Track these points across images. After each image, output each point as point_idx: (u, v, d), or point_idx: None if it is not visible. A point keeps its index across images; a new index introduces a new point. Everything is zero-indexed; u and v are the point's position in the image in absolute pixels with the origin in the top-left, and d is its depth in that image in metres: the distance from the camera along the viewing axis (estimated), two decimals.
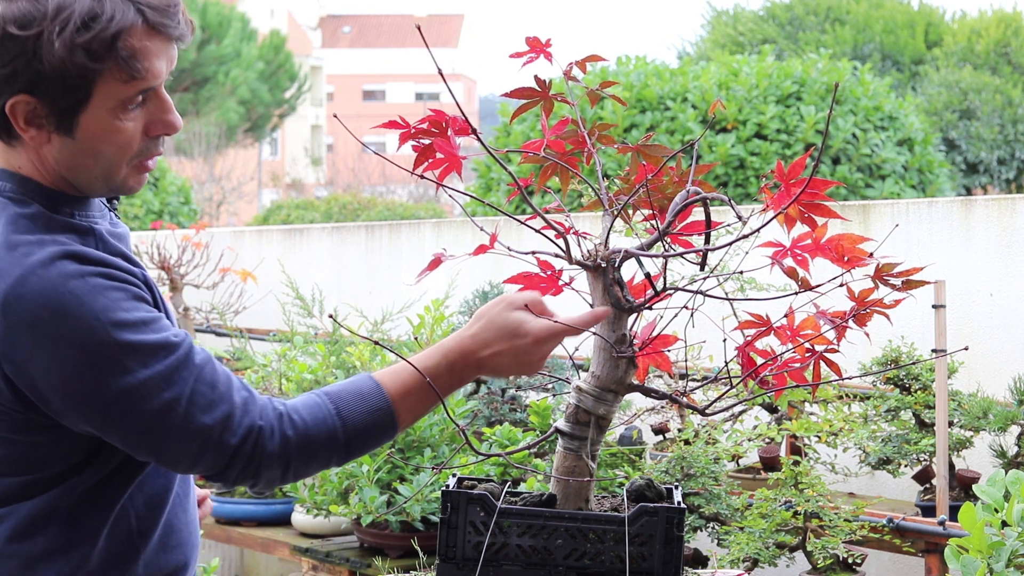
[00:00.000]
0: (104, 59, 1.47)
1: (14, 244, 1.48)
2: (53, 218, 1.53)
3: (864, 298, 1.66)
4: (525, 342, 1.60)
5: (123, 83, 1.49)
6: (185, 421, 1.49)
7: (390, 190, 23.11)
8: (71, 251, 1.48)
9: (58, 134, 1.51)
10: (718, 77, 8.16)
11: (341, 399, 1.57)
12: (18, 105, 1.48)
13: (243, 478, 1.54)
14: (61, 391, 1.47)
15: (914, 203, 4.56)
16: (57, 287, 1.45)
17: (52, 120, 1.50)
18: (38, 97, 1.48)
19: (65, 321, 1.44)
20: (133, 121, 1.52)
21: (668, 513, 1.64)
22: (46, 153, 1.53)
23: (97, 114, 1.50)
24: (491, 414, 4.24)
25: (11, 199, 1.53)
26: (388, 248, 6.67)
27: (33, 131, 1.51)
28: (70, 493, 1.55)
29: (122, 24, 1.48)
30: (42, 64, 1.45)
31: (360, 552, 4.03)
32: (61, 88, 1.47)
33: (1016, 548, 2.12)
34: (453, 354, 1.61)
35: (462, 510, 1.67)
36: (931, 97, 16.55)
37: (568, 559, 1.65)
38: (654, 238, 1.68)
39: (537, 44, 1.82)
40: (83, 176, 1.55)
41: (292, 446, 1.53)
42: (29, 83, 1.47)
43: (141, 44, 1.49)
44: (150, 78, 1.51)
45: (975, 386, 3.98)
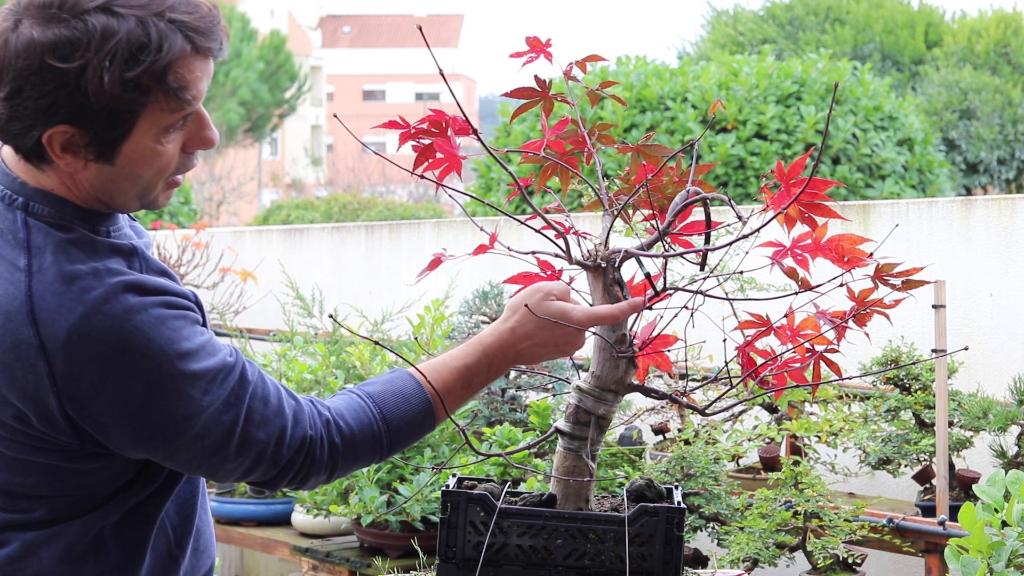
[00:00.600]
0: (153, 91, 1.41)
1: (70, 277, 1.43)
2: (97, 240, 1.48)
3: (864, 298, 1.66)
4: (567, 331, 1.62)
5: (170, 112, 1.44)
6: (243, 440, 1.48)
7: (390, 190, 23.11)
8: (129, 282, 1.44)
9: (97, 162, 1.45)
10: (718, 77, 8.16)
11: (385, 402, 1.58)
12: (56, 135, 1.42)
13: (290, 484, 1.55)
14: (126, 425, 1.44)
15: (914, 203, 4.56)
16: (122, 323, 1.41)
17: (92, 149, 1.44)
18: (78, 128, 1.42)
19: (132, 357, 1.41)
20: (173, 143, 1.48)
21: (668, 513, 1.64)
22: (80, 177, 1.47)
23: (140, 141, 1.45)
24: (491, 414, 4.24)
25: (51, 224, 1.47)
26: (388, 248, 6.67)
27: (69, 158, 1.45)
28: (116, 511, 1.53)
29: (172, 55, 1.41)
30: (87, 98, 1.39)
31: (360, 552, 4.03)
32: (106, 121, 1.41)
33: (1016, 548, 2.12)
34: (492, 349, 1.62)
35: (462, 510, 1.67)
36: (931, 97, 16.55)
37: (568, 559, 1.65)
38: (654, 238, 1.68)
39: (537, 44, 1.82)
40: (119, 197, 1.50)
41: (339, 453, 1.55)
42: (70, 115, 1.41)
43: (191, 73, 1.44)
44: (196, 103, 1.47)
45: (975, 386, 3.98)
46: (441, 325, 4.13)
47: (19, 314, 1.42)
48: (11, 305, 1.43)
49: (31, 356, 1.41)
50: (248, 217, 22.88)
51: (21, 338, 1.41)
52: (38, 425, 1.44)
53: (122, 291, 1.43)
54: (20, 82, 1.39)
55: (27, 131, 1.42)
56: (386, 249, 6.68)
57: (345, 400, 1.59)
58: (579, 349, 1.67)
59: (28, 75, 1.39)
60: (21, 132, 1.43)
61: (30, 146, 1.44)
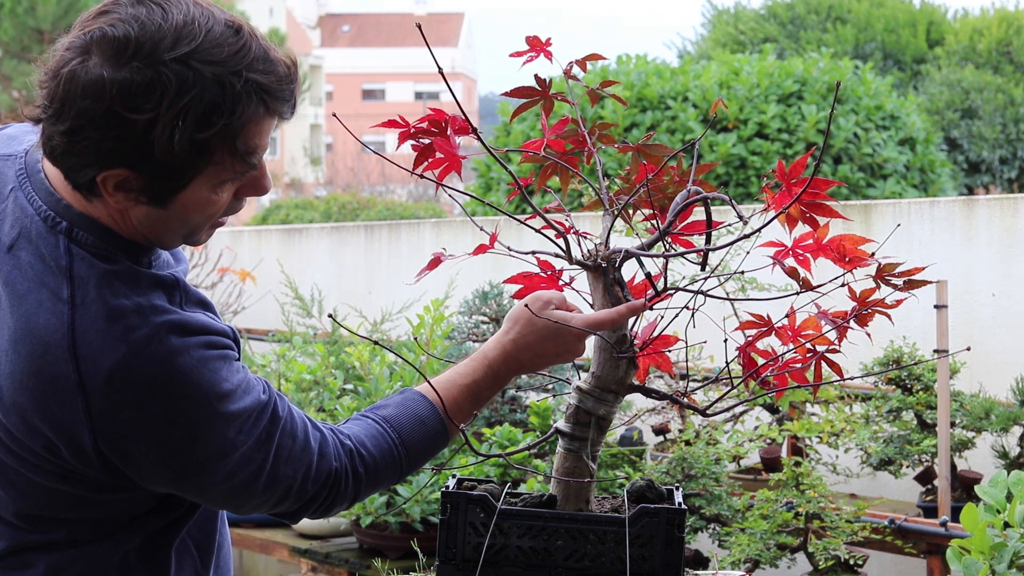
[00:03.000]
0: (220, 152, 1.37)
1: (114, 314, 1.39)
2: (140, 273, 1.44)
3: (865, 298, 1.65)
4: (568, 339, 1.64)
5: (232, 172, 1.41)
6: (271, 477, 1.47)
7: (389, 190, 23.10)
8: (174, 323, 1.41)
9: (148, 205, 1.41)
10: (719, 76, 8.15)
11: (403, 427, 1.59)
12: (111, 177, 1.38)
13: (313, 515, 1.55)
14: (159, 465, 1.42)
15: (916, 203, 4.55)
16: (165, 367, 1.39)
17: (146, 194, 1.39)
18: (136, 173, 1.37)
19: (173, 400, 1.39)
20: (228, 192, 1.44)
21: (669, 514, 1.63)
22: (130, 213, 1.43)
23: (196, 191, 1.41)
24: (491, 415, 4.23)
25: (95, 255, 1.42)
26: (387, 248, 6.66)
27: (121, 196, 1.40)
28: (140, 534, 1.52)
29: (244, 119, 1.36)
30: (152, 150, 1.34)
31: (359, 553, 4.02)
32: (167, 174, 1.37)
33: (1018, 549, 2.11)
34: (497, 363, 1.64)
35: (462, 511, 1.66)
36: (933, 96, 16.54)
37: (568, 560, 1.64)
38: (655, 238, 1.67)
39: (537, 43, 1.81)
40: (164, 236, 1.47)
41: (363, 483, 1.56)
42: (131, 162, 1.36)
43: (260, 136, 1.40)
44: (260, 163, 1.44)
45: (977, 386, 3.97)
46: (441, 325, 4.12)
47: (60, 347, 1.38)
48: (51, 337, 1.39)
49: (69, 391, 1.39)
50: (247, 217, 22.88)
51: (60, 372, 1.38)
52: (68, 458, 1.42)
53: (166, 332, 1.40)
54: (83, 121, 1.35)
55: (83, 167, 1.38)
56: (385, 249, 6.67)
57: (364, 427, 1.58)
58: (579, 356, 1.69)
59: (93, 117, 1.34)
60: (76, 167, 1.39)
61: (82, 181, 1.40)
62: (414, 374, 3.94)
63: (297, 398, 4.50)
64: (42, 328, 1.40)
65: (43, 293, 1.41)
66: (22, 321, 1.41)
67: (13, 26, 24.26)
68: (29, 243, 1.43)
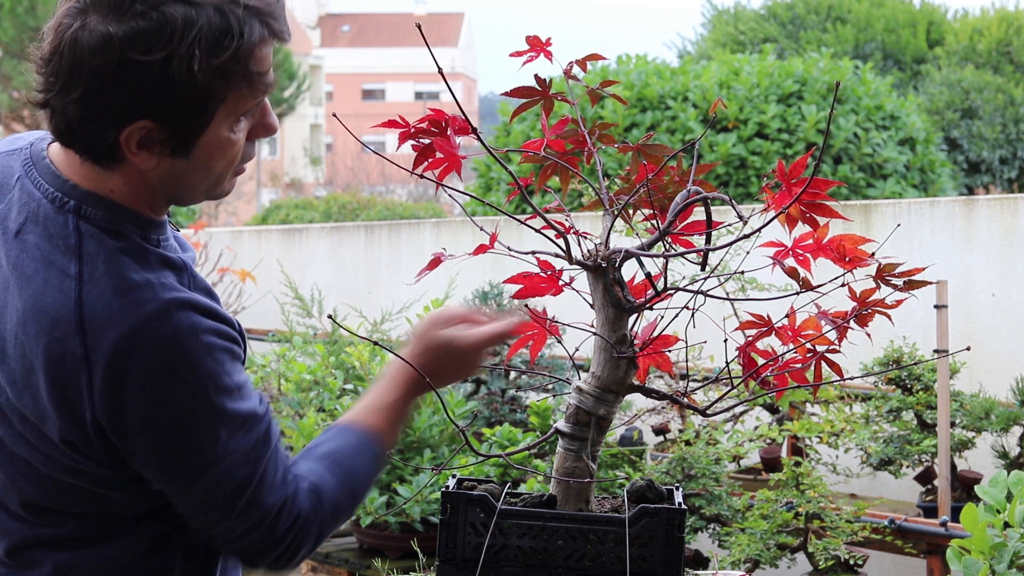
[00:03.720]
0: (237, 77, 1.39)
1: (124, 288, 1.39)
2: (148, 251, 1.44)
3: (866, 298, 1.65)
4: (461, 357, 1.66)
5: (251, 97, 1.42)
6: (251, 501, 1.45)
7: (389, 190, 23.12)
8: (184, 300, 1.40)
9: (172, 157, 1.42)
10: (719, 76, 8.15)
11: (355, 471, 1.57)
12: (134, 132, 1.38)
13: (274, 564, 1.50)
14: (150, 449, 1.41)
15: (916, 203, 4.55)
16: (171, 345, 1.37)
17: (170, 144, 1.40)
18: (158, 122, 1.38)
19: (173, 382, 1.38)
20: (243, 131, 1.45)
21: (669, 514, 1.63)
22: (150, 175, 1.44)
23: (216, 131, 1.42)
24: (491, 415, 4.23)
25: (104, 229, 1.42)
26: (387, 248, 6.66)
27: (145, 155, 1.40)
28: (147, 536, 1.50)
29: (252, 40, 1.39)
30: (173, 90, 1.35)
31: (359, 553, 4.02)
32: (190, 112, 1.38)
33: (1018, 549, 2.11)
34: (407, 383, 1.65)
35: (462, 511, 1.65)
36: (933, 96, 16.54)
37: (568, 560, 1.64)
38: (655, 238, 1.67)
39: (537, 43, 1.81)
40: (188, 191, 1.48)
41: (322, 531, 1.53)
42: (152, 109, 1.36)
43: (268, 57, 1.42)
44: (271, 88, 1.44)
45: (977, 386, 3.97)
46: None
47: (67, 323, 1.38)
48: (59, 313, 1.38)
49: (75, 367, 1.38)
50: (247, 217, 22.89)
51: (67, 349, 1.38)
52: (74, 441, 1.41)
53: (176, 308, 1.39)
54: (97, 80, 1.35)
55: (104, 130, 1.38)
56: (385, 249, 6.67)
57: (315, 471, 1.54)
58: (477, 370, 1.72)
59: (107, 72, 1.34)
60: (97, 132, 1.38)
61: (105, 146, 1.40)
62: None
63: (297, 398, 4.51)
64: (50, 306, 1.39)
65: (51, 272, 1.41)
66: (30, 301, 1.41)
67: (13, 26, 24.27)
68: (36, 226, 1.44)
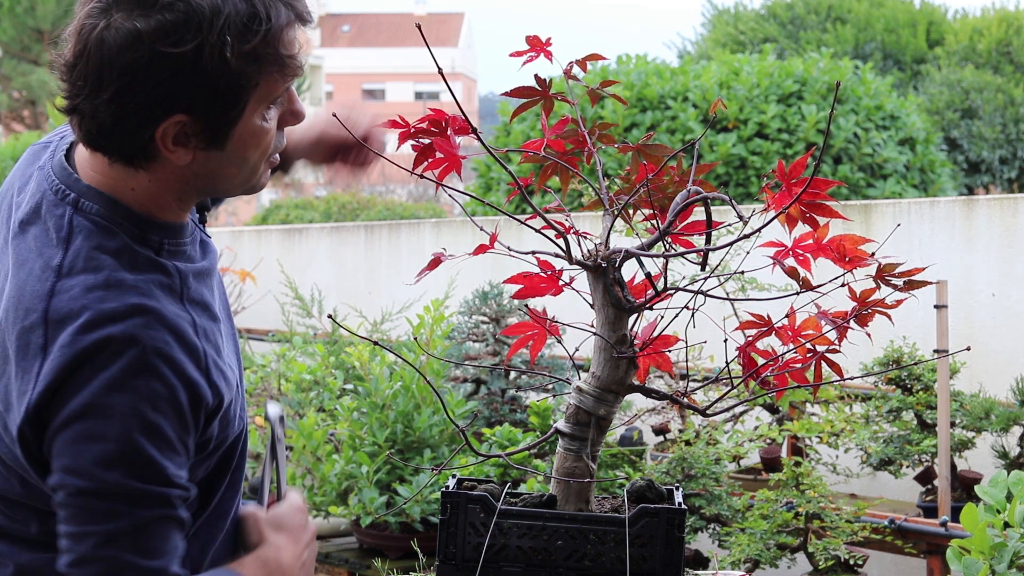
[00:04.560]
0: (267, 62, 1.38)
1: (94, 285, 1.37)
2: (137, 252, 1.42)
3: (866, 298, 1.65)
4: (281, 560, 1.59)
5: (282, 81, 1.42)
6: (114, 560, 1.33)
7: (389, 190, 23.10)
8: (147, 308, 1.36)
9: (207, 150, 1.41)
10: (719, 76, 8.15)
11: None
12: (170, 128, 1.37)
13: None
14: (57, 443, 1.35)
15: (916, 203, 4.55)
16: (115, 350, 1.33)
17: (205, 136, 1.39)
18: (193, 115, 1.37)
19: (102, 394, 1.33)
20: (274, 119, 1.45)
21: (669, 514, 1.63)
22: (184, 170, 1.42)
23: (249, 121, 1.41)
24: (491, 415, 4.23)
25: (97, 225, 1.41)
26: (387, 248, 6.66)
27: (180, 151, 1.40)
28: None
29: (279, 23, 1.39)
30: (206, 79, 1.35)
31: (359, 553, 4.02)
32: (224, 102, 1.37)
33: (1018, 549, 2.11)
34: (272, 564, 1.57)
35: (462, 511, 1.65)
36: (933, 96, 16.54)
37: (568, 560, 1.64)
38: (655, 238, 1.67)
39: (537, 43, 1.81)
40: (222, 184, 1.47)
41: None
42: (187, 102, 1.36)
43: (294, 39, 1.42)
44: (299, 71, 1.44)
45: (977, 386, 3.97)
46: (441, 325, 4.12)
47: (36, 312, 1.37)
48: (32, 303, 1.38)
49: (35, 356, 1.36)
50: (247, 217, 22.89)
51: (32, 338, 1.37)
52: (24, 430, 1.37)
53: (135, 314, 1.35)
54: (129, 77, 1.34)
55: (138, 129, 1.37)
56: (385, 249, 6.67)
57: None
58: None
59: (138, 68, 1.33)
60: (131, 131, 1.37)
61: (139, 144, 1.39)
62: (414, 374, 3.94)
63: (297, 398, 4.50)
64: (27, 295, 1.39)
65: (38, 262, 1.40)
66: (15, 289, 1.40)
67: (13, 26, 24.25)
68: (38, 217, 1.44)
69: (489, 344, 4.40)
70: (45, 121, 20.91)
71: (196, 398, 1.39)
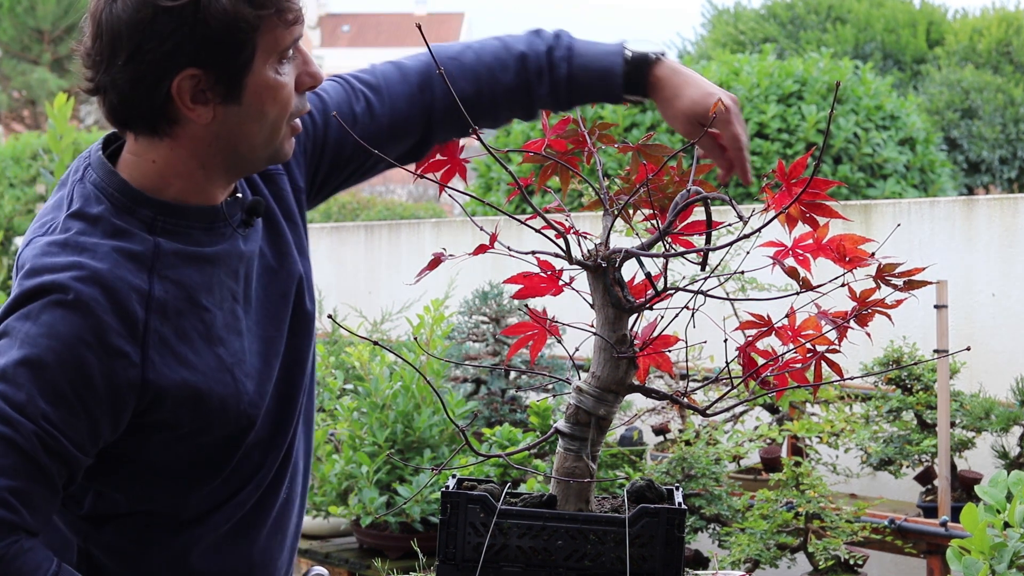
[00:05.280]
0: (263, 5, 1.44)
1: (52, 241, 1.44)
2: (114, 222, 1.47)
3: (866, 298, 1.65)
4: None
5: (282, 29, 1.46)
6: None
7: (389, 190, 23.10)
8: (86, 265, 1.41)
9: (225, 104, 1.46)
10: (719, 76, 8.15)
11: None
12: (184, 82, 1.43)
13: None
14: None
15: (916, 203, 4.55)
16: (42, 291, 1.40)
17: (220, 89, 1.45)
18: (204, 67, 1.43)
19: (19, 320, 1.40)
20: (288, 76, 1.49)
21: (669, 514, 1.63)
22: (206, 130, 1.47)
23: (261, 72, 1.45)
24: (491, 415, 4.23)
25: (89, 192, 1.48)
26: (387, 248, 6.66)
27: (200, 108, 1.45)
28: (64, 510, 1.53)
29: None
30: (208, 27, 1.41)
31: (359, 553, 4.02)
32: (229, 48, 1.42)
33: (1019, 549, 2.11)
34: None
35: (462, 511, 1.65)
36: (933, 96, 16.53)
37: (568, 560, 1.64)
38: (655, 238, 1.66)
39: None
40: (245, 144, 1.49)
41: None
42: (194, 53, 1.42)
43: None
44: (300, 23, 1.48)
45: (977, 386, 3.97)
46: (441, 325, 4.12)
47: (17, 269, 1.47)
48: (18, 262, 1.47)
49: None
50: None
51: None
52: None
53: (73, 268, 1.40)
54: (138, 38, 1.41)
55: (154, 87, 1.43)
56: (385, 249, 6.67)
57: None
58: None
59: (144, 27, 1.40)
60: (147, 91, 1.43)
61: (158, 105, 1.44)
62: (414, 374, 3.94)
63: None
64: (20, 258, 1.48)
65: (39, 231, 1.49)
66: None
67: (12, 26, 24.24)
68: (64, 186, 1.53)
69: (489, 344, 4.40)
70: (44, 121, 20.89)
71: (110, 362, 1.40)
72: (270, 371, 1.59)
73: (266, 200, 1.64)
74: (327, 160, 1.73)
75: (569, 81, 1.69)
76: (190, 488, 1.55)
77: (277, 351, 1.61)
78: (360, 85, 1.74)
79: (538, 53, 1.72)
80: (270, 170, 1.64)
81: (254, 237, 1.59)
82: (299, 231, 1.69)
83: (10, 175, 11.77)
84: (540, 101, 1.74)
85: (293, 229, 1.67)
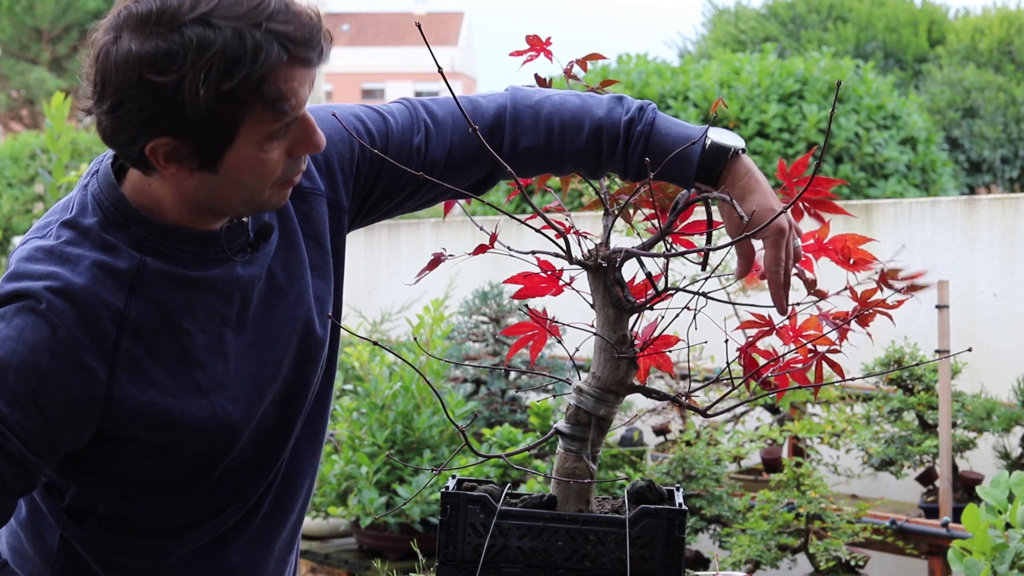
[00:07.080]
0: (250, 103, 1.40)
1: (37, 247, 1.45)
2: (102, 236, 1.47)
3: (867, 298, 1.64)
4: None
5: (269, 122, 1.42)
6: None
7: None
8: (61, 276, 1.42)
9: (200, 171, 1.44)
10: (720, 75, 8.14)
11: None
12: (159, 147, 1.42)
13: None
14: None
15: (917, 203, 4.54)
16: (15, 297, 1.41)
17: (195, 159, 1.43)
18: (180, 139, 1.41)
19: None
20: (278, 150, 1.45)
21: (669, 515, 1.63)
22: (185, 185, 1.46)
23: (243, 150, 1.43)
24: (491, 415, 4.22)
25: (87, 203, 1.49)
26: (387, 248, 6.65)
27: (173, 167, 1.44)
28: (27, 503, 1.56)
29: (267, 66, 1.39)
30: (184, 110, 1.38)
31: (359, 554, 4.01)
32: (205, 132, 1.40)
33: (1020, 550, 2.10)
34: None
35: (462, 512, 1.65)
36: (934, 95, 16.53)
37: (568, 561, 1.63)
38: (655, 238, 1.66)
39: (537, 42, 1.80)
40: (222, 203, 1.48)
41: None
42: (170, 127, 1.40)
43: (287, 84, 1.41)
44: (296, 112, 1.44)
45: (978, 387, 3.96)
46: (441, 325, 4.11)
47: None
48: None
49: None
50: None
51: None
52: None
53: (48, 278, 1.42)
54: (121, 95, 1.40)
55: (131, 142, 1.42)
56: (385, 249, 6.66)
57: None
58: None
59: (128, 89, 1.39)
60: (125, 143, 1.43)
61: (135, 156, 1.44)
62: (413, 374, 3.93)
63: None
64: (11, 256, 1.51)
65: (37, 231, 1.52)
66: None
67: (11, 25, 24.26)
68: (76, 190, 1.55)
69: (489, 344, 4.39)
70: (43, 120, 20.91)
71: (72, 374, 1.42)
72: (261, 394, 1.56)
73: (291, 218, 1.61)
74: (382, 183, 1.70)
75: (641, 158, 1.66)
76: (164, 502, 1.56)
77: (273, 374, 1.58)
78: (424, 114, 1.69)
79: (615, 123, 1.68)
80: (304, 187, 1.62)
81: (260, 260, 1.57)
82: (324, 251, 1.65)
83: (8, 175, 11.77)
84: (608, 167, 1.71)
85: (317, 249, 1.64)
